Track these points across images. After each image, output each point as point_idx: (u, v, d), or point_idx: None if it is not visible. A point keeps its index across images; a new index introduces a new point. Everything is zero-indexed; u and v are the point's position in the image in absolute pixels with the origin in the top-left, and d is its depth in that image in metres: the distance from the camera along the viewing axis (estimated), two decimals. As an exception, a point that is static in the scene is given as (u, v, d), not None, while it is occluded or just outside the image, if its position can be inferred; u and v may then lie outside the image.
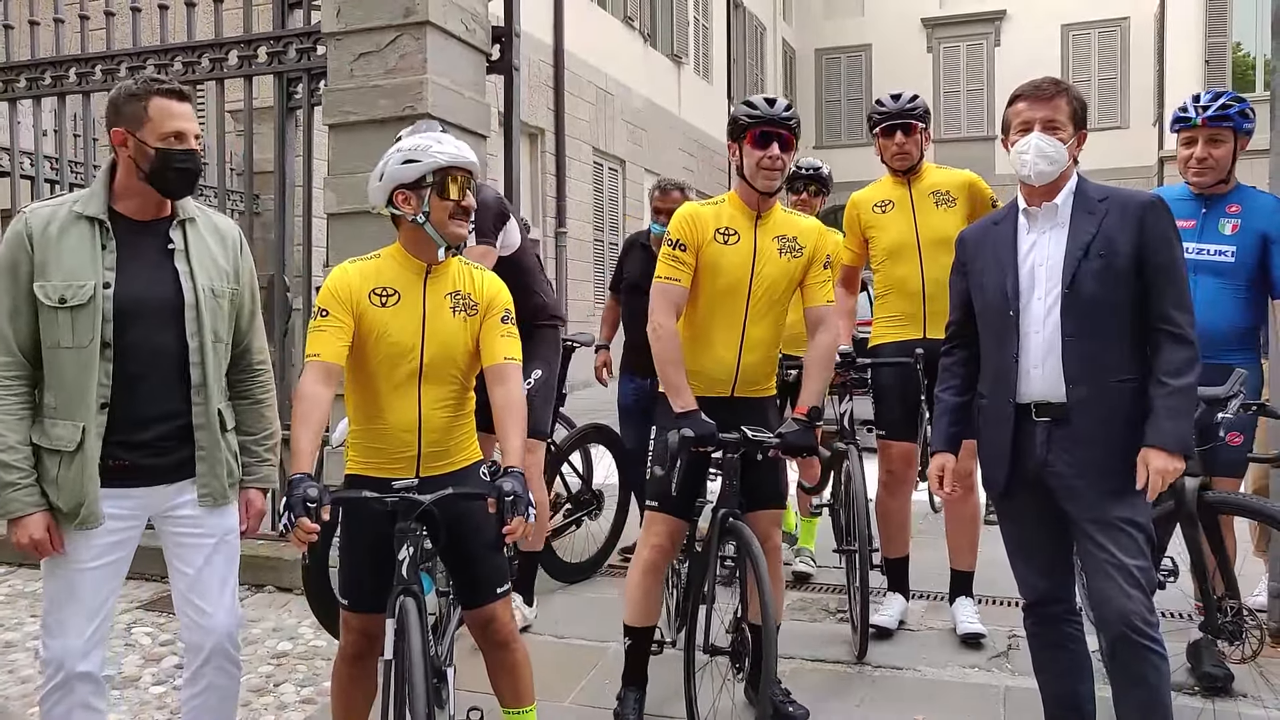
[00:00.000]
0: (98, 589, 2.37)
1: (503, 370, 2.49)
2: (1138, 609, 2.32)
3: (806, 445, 2.77)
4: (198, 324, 2.41)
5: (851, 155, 22.47)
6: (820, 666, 3.50)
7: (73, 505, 2.31)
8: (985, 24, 21.95)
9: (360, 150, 4.08)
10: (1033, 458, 2.47)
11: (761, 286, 2.90)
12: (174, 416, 2.41)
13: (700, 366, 2.91)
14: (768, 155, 2.83)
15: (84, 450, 2.31)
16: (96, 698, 2.41)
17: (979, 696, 3.26)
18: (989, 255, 2.57)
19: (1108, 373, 2.41)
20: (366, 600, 2.46)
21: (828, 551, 4.49)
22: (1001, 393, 2.51)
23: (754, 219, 2.92)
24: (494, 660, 2.61)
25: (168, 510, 2.45)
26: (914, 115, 3.70)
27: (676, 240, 2.88)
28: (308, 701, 3.40)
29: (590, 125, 14.22)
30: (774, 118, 2.84)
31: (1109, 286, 2.40)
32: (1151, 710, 2.37)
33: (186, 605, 2.50)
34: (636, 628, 3.02)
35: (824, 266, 2.98)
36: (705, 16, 18.80)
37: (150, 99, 2.33)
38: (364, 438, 2.50)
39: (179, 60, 4.71)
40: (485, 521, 2.36)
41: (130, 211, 2.39)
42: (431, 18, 4.10)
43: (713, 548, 2.84)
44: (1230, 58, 18.26)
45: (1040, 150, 2.44)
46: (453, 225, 2.44)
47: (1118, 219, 2.42)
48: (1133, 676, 2.37)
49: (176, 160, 2.34)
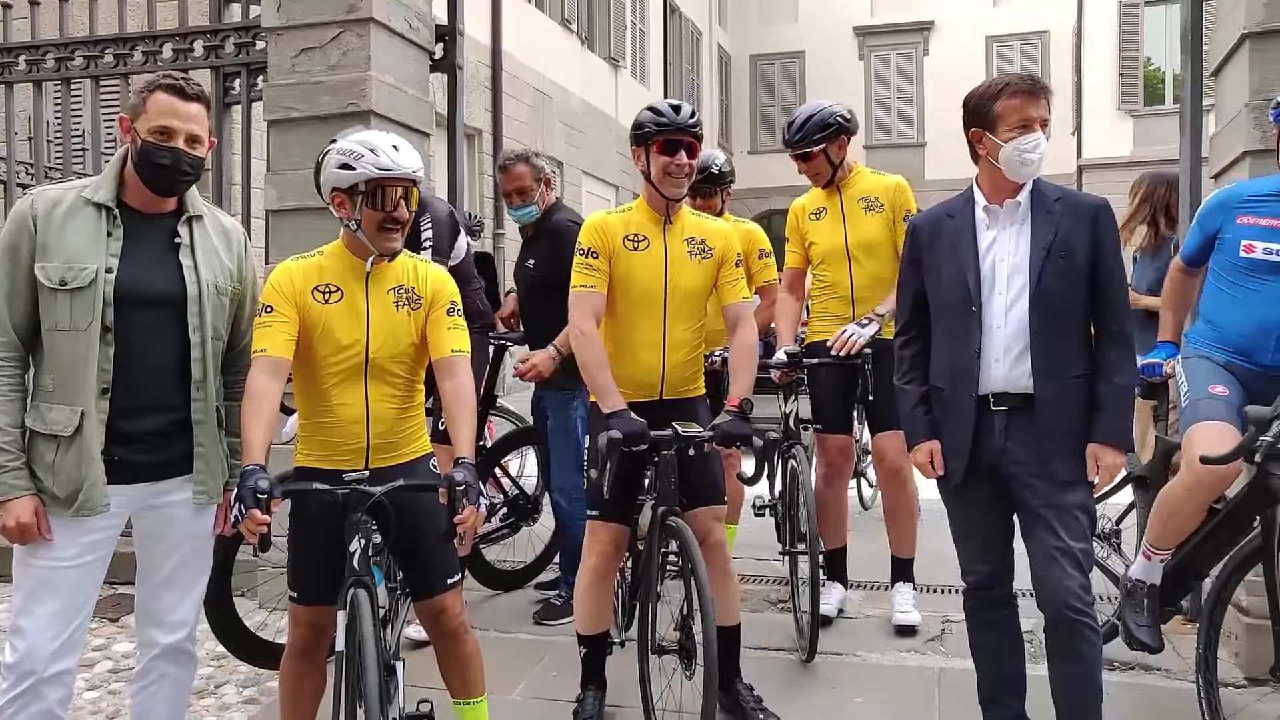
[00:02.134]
0: (78, 588, 2.32)
1: (450, 363, 2.51)
2: (1076, 590, 2.45)
3: (742, 434, 2.81)
4: (200, 319, 2.41)
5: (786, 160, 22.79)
6: (764, 654, 3.59)
7: (69, 491, 2.27)
8: (914, 33, 22.52)
9: (302, 147, 4.04)
10: (991, 446, 2.55)
11: (677, 288, 2.95)
12: (170, 410, 2.39)
13: (627, 373, 2.95)
14: (675, 162, 2.89)
15: (82, 435, 2.27)
16: (62, 706, 2.34)
17: (916, 679, 3.39)
18: (945, 249, 2.62)
19: (1068, 368, 2.51)
20: (316, 593, 2.46)
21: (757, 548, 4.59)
22: (964, 386, 2.57)
23: (662, 224, 2.98)
24: (444, 651, 2.63)
25: (154, 505, 2.42)
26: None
27: (588, 249, 2.93)
28: (250, 702, 3.37)
29: (527, 127, 14.19)
30: (681, 125, 2.89)
31: (1069, 285, 2.50)
32: (1085, 682, 2.50)
33: (152, 601, 2.48)
34: (590, 635, 3.05)
35: (735, 265, 3.04)
36: (642, 20, 18.93)
37: (154, 93, 2.33)
38: (313, 431, 2.51)
39: (110, 52, 4.61)
40: (436, 512, 2.39)
41: (136, 203, 2.39)
42: (375, 15, 4.08)
43: (654, 548, 2.86)
44: (1142, 71, 19.07)
45: (1038, 148, 2.49)
46: (382, 238, 2.44)
47: (1072, 221, 2.51)
48: (1069, 652, 2.50)
49: (156, 156, 2.33)
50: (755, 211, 22.76)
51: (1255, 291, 2.83)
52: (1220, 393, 2.79)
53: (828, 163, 3.81)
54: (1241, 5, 3.39)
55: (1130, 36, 19.07)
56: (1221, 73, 3.70)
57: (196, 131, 2.36)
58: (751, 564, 4.73)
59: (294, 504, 2.47)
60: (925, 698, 3.25)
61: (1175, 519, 2.85)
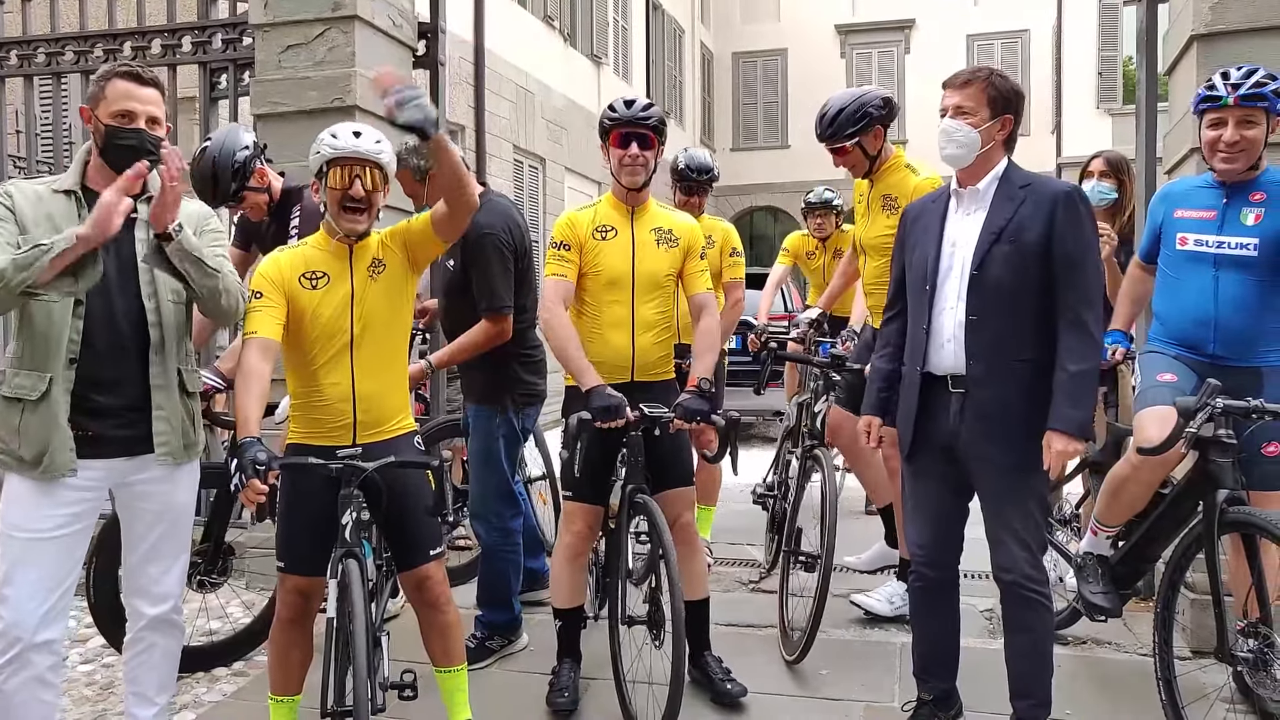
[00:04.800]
0: (60, 559, 2.41)
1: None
2: (1026, 567, 2.57)
3: (700, 410, 2.93)
4: (153, 286, 2.51)
5: (767, 157, 23.01)
6: (733, 630, 3.73)
7: (35, 453, 2.38)
8: (896, 32, 22.68)
9: (288, 141, 4.15)
10: (945, 427, 2.63)
11: (644, 271, 3.11)
12: (135, 380, 2.50)
13: (600, 356, 3.08)
14: (628, 154, 3.05)
15: (50, 398, 2.38)
16: (53, 673, 2.43)
17: (880, 653, 3.55)
18: (920, 230, 2.74)
19: (1008, 353, 2.55)
20: (304, 564, 2.60)
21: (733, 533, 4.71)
22: (913, 361, 2.70)
23: (629, 214, 3.14)
24: (427, 621, 2.76)
25: (129, 483, 2.53)
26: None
27: (560, 242, 3.10)
28: (239, 674, 3.48)
29: (510, 123, 14.28)
30: (631, 119, 3.05)
31: (1015, 271, 2.52)
32: (1034, 652, 2.64)
33: (138, 574, 2.60)
34: (565, 609, 3.19)
35: (700, 257, 3.20)
36: (625, 18, 19.01)
37: (112, 81, 2.46)
38: (304, 409, 2.64)
39: (100, 48, 4.70)
40: (422, 487, 2.55)
41: (101, 188, 2.45)
42: (360, 12, 4.20)
43: (623, 525, 3.01)
44: (1121, 71, 19.31)
45: (946, 133, 2.60)
46: (344, 218, 2.56)
47: (1032, 207, 2.54)
48: (1019, 623, 2.63)
49: (120, 137, 2.44)
50: (737, 209, 22.93)
51: (1189, 283, 2.91)
52: (1169, 379, 2.86)
53: (863, 155, 3.57)
54: (1190, 7, 3.55)
55: (1109, 36, 19.32)
56: (1174, 72, 3.87)
57: (156, 113, 2.49)
58: (726, 548, 4.88)
59: (285, 478, 2.59)
60: (886, 670, 3.40)
61: (1121, 497, 2.97)
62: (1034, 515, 2.62)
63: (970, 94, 2.61)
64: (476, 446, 3.51)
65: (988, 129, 2.59)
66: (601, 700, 3.13)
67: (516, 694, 3.24)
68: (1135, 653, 3.48)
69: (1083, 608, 3.15)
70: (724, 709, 3.12)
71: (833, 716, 3.11)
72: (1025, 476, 2.59)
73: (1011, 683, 2.67)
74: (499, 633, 3.55)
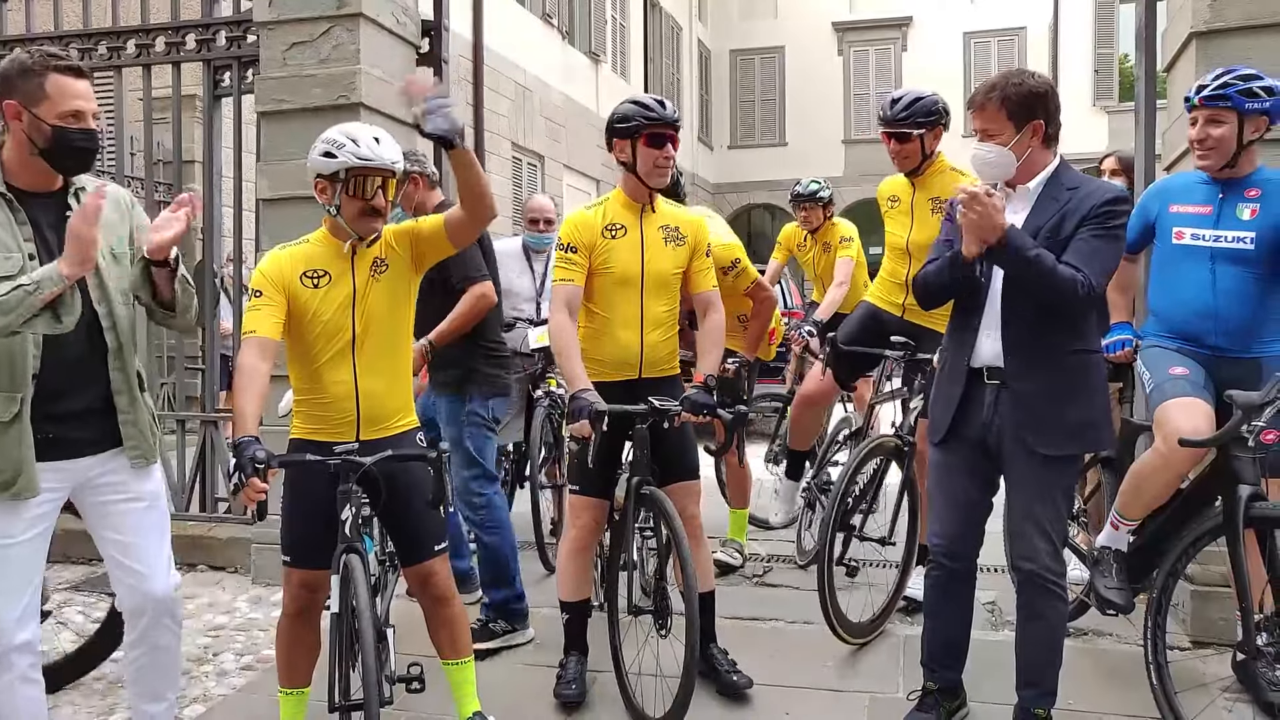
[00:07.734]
0: (27, 562, 2.41)
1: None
2: (1047, 559, 2.60)
3: (706, 404, 2.97)
4: (102, 290, 2.45)
5: (764, 154, 23.03)
6: (736, 623, 3.75)
7: (6, 476, 2.34)
8: (893, 29, 22.71)
9: (293, 137, 4.17)
10: (979, 417, 2.66)
11: (652, 270, 3.12)
12: (94, 384, 2.46)
13: (608, 353, 3.11)
14: (663, 155, 3.06)
15: (20, 420, 2.34)
16: (35, 670, 2.44)
17: (883, 646, 3.57)
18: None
19: (1047, 348, 2.57)
20: (309, 557, 2.61)
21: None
22: (960, 354, 2.71)
23: (639, 212, 3.15)
24: (433, 614, 2.77)
25: (93, 480, 2.50)
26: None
27: (568, 244, 3.09)
28: (248, 669, 3.51)
29: (509, 121, 14.30)
30: (668, 119, 3.06)
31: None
32: (1046, 642, 2.67)
33: (123, 572, 2.55)
34: (571, 602, 3.22)
35: (705, 255, 3.22)
36: (622, 15, 19.03)
37: (48, 75, 2.32)
38: (307, 406, 2.66)
39: (104, 45, 4.72)
40: (423, 482, 2.55)
41: (24, 184, 2.40)
42: (365, 10, 4.22)
43: (629, 518, 3.04)
44: (1117, 68, 19.38)
45: (978, 158, 2.63)
46: (361, 223, 2.57)
47: (1076, 207, 2.55)
48: (1033, 611, 2.66)
49: (75, 140, 2.36)
50: (734, 206, 22.95)
51: (1186, 277, 2.95)
52: (1181, 373, 2.89)
53: (920, 150, 3.64)
54: (1189, 5, 3.58)
55: (1105, 34, 19.40)
56: (1172, 70, 3.89)
57: (96, 110, 2.40)
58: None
59: (288, 474, 2.61)
60: (890, 661, 3.43)
61: (1146, 491, 2.96)
62: (1059, 508, 2.66)
63: (988, 115, 2.60)
64: (449, 435, 3.66)
65: (1018, 142, 2.59)
66: (608, 692, 3.15)
67: (524, 686, 3.27)
68: (1137, 644, 3.49)
69: (1094, 601, 3.17)
70: (730, 700, 3.15)
71: (838, 707, 3.14)
72: (1056, 469, 2.62)
73: (1020, 672, 2.71)
74: (504, 616, 3.60)
